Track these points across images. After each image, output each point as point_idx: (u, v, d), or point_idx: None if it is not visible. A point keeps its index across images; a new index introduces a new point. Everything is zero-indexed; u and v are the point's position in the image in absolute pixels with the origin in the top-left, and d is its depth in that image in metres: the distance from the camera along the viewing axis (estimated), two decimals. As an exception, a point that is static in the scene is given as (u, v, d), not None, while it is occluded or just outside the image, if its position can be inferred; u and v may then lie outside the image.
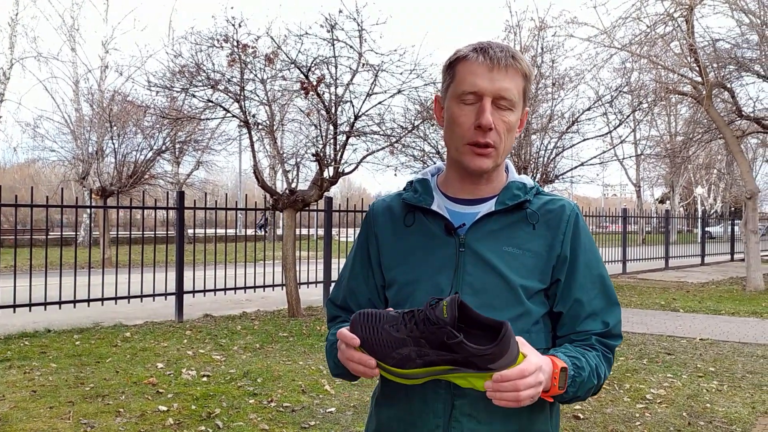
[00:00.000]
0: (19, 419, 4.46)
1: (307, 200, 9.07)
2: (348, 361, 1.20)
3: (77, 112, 21.70)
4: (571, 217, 1.35)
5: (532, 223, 1.34)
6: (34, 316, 8.31)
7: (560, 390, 1.20)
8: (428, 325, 1.11)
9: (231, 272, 10.05)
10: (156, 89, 9.67)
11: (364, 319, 1.16)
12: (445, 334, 1.09)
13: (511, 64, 1.28)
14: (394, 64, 9.17)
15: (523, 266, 1.31)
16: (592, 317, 1.33)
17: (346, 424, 4.46)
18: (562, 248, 1.33)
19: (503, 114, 1.29)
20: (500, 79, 1.27)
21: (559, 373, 1.19)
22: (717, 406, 4.97)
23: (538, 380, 1.13)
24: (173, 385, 5.37)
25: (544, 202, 1.37)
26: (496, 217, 1.34)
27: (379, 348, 1.15)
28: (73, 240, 20.53)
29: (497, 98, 1.28)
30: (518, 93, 1.30)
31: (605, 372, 1.32)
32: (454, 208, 1.37)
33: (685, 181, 39.11)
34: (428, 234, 1.36)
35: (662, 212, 24.67)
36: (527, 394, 1.11)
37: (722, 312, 10.08)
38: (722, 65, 13.44)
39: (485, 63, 1.27)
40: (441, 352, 1.12)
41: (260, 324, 8.41)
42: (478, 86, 1.27)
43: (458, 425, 1.27)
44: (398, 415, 1.33)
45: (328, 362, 1.39)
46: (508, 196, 1.35)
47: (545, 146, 12.36)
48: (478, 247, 1.32)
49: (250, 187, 42.56)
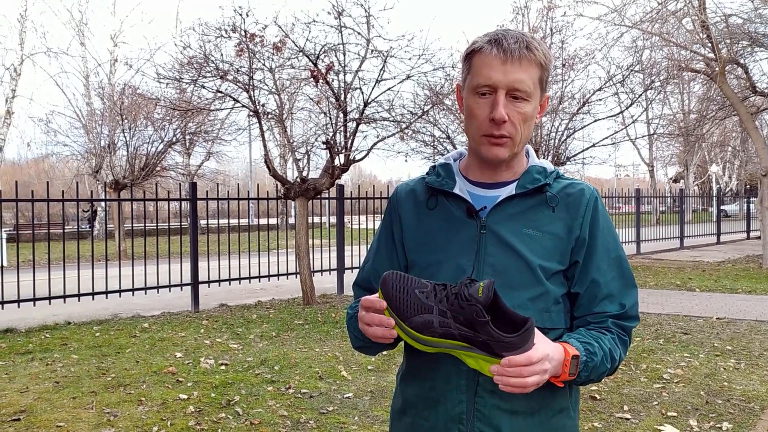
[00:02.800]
0: (43, 410, 4.54)
1: (318, 188, 9.09)
2: (366, 326, 1.23)
3: (88, 106, 21.84)
4: (591, 200, 1.38)
5: (552, 207, 1.37)
6: (54, 309, 8.43)
7: (571, 376, 1.24)
8: (460, 300, 1.14)
9: (245, 262, 10.12)
10: (165, 81, 9.72)
11: (396, 278, 1.20)
12: (474, 312, 1.13)
13: (525, 56, 1.29)
14: (402, 49, 9.17)
15: (543, 248, 1.34)
16: (609, 299, 1.36)
17: (363, 409, 4.51)
18: (581, 231, 1.35)
19: (518, 105, 1.31)
20: (514, 72, 1.28)
21: (570, 360, 1.23)
22: (734, 385, 4.97)
23: (544, 368, 1.17)
24: (192, 373, 5.44)
25: (563, 186, 1.40)
26: (517, 200, 1.37)
27: (404, 308, 1.18)
28: (88, 233, 20.73)
29: (511, 90, 1.29)
30: (533, 83, 1.31)
31: (621, 355, 1.35)
32: (476, 191, 1.40)
33: (700, 159, 38.72)
34: (450, 217, 1.39)
35: (676, 191, 24.47)
36: (532, 381, 1.15)
37: (739, 290, 10.03)
38: (735, 41, 13.24)
39: (499, 56, 1.29)
40: (463, 329, 1.15)
41: (275, 312, 8.48)
42: (492, 79, 1.29)
43: (481, 401, 1.30)
44: (423, 392, 1.37)
45: (350, 335, 1.44)
46: (528, 180, 1.38)
47: (556, 128, 12.29)
48: (499, 229, 1.35)
49: (261, 177, 42.70)
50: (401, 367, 1.48)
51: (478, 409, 1.31)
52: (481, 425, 1.30)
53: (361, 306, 1.25)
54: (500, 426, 1.30)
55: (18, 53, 21.80)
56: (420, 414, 1.38)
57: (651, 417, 4.29)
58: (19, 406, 4.62)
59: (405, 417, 1.42)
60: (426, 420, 1.36)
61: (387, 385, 5.04)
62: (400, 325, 1.20)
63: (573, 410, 1.40)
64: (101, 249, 17.92)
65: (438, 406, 1.34)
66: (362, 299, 1.25)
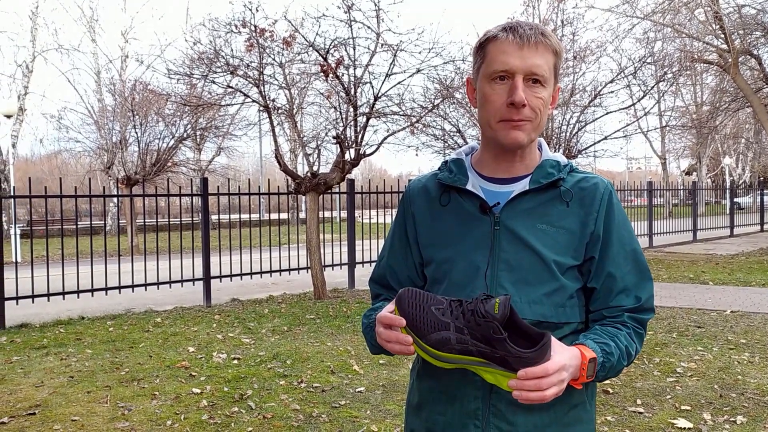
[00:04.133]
0: (58, 404, 4.59)
1: (329, 183, 9.09)
2: (386, 342, 1.24)
3: (100, 102, 21.97)
4: (605, 194, 1.37)
5: (566, 201, 1.36)
6: (68, 304, 8.50)
7: (589, 378, 1.25)
8: (476, 317, 1.15)
9: (256, 257, 10.16)
10: (176, 77, 9.75)
11: (412, 295, 1.21)
12: (491, 329, 1.14)
13: (541, 41, 1.29)
14: (412, 43, 9.12)
15: (557, 243, 1.33)
16: (625, 292, 1.35)
17: (375, 403, 4.52)
18: (595, 226, 1.35)
19: (536, 90, 1.30)
20: (531, 57, 1.28)
21: (588, 363, 1.23)
22: (749, 378, 4.93)
23: (561, 378, 1.17)
24: (205, 368, 5.48)
25: (577, 179, 1.38)
26: (530, 195, 1.36)
27: (421, 325, 1.19)
28: (101, 229, 20.90)
29: (529, 75, 1.29)
30: (549, 69, 1.31)
31: (636, 349, 1.35)
32: (489, 187, 1.39)
33: (713, 151, 38.40)
34: (464, 213, 1.38)
35: (689, 184, 24.29)
36: (551, 393, 1.16)
37: (753, 283, 9.94)
38: (748, 31, 13.10)
39: (515, 41, 1.28)
40: (480, 345, 1.16)
41: (287, 307, 8.51)
42: (509, 64, 1.28)
43: (497, 396, 1.30)
44: (439, 387, 1.37)
45: (367, 342, 1.44)
46: (542, 174, 1.36)
47: (567, 121, 12.21)
48: (513, 225, 1.34)
49: (272, 172, 42.79)
50: (416, 362, 1.48)
51: (493, 404, 1.31)
52: (496, 421, 1.31)
53: (378, 322, 1.25)
54: (516, 421, 1.30)
55: (30, 50, 21.96)
56: (436, 409, 1.38)
57: (664, 411, 4.27)
58: (35, 401, 4.67)
59: (421, 412, 1.42)
60: (442, 415, 1.36)
61: (399, 379, 5.05)
62: (417, 342, 1.21)
63: (589, 403, 1.39)
64: (114, 244, 18.05)
65: (454, 402, 1.34)
66: (379, 316, 1.25)
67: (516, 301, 1.29)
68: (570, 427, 1.34)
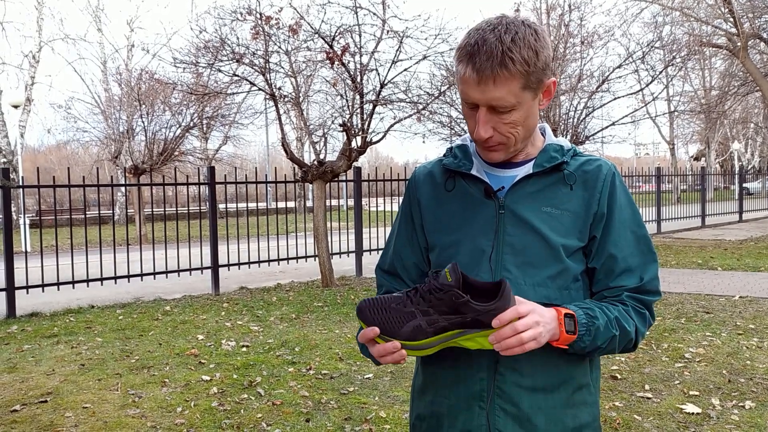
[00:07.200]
0: (69, 392, 4.64)
1: (336, 171, 9.09)
2: (380, 357, 1.26)
3: (106, 92, 22.00)
4: (608, 176, 1.37)
5: (570, 184, 1.36)
6: (78, 293, 8.57)
7: (570, 335, 1.23)
8: (434, 293, 1.18)
9: (264, 245, 10.19)
10: (182, 66, 9.74)
11: (370, 303, 1.23)
12: (452, 296, 1.16)
13: (499, 74, 1.23)
14: (418, 29, 9.09)
15: (562, 225, 1.33)
16: (627, 273, 1.35)
17: (384, 389, 4.54)
18: (599, 206, 1.35)
19: (503, 117, 1.28)
20: (489, 91, 1.25)
21: (564, 317, 1.23)
22: (757, 363, 4.92)
23: (535, 320, 1.17)
24: (214, 355, 5.52)
25: (581, 163, 1.39)
26: (534, 179, 1.36)
27: (390, 326, 1.21)
28: (109, 218, 21.00)
29: (491, 107, 1.27)
30: (515, 95, 1.25)
31: (636, 326, 1.33)
32: (493, 171, 1.40)
33: (721, 136, 38.11)
34: (469, 198, 1.39)
35: (698, 169, 24.12)
36: (528, 335, 1.16)
37: (761, 269, 9.90)
38: (758, 15, 12.95)
39: (473, 76, 1.25)
40: (450, 317, 1.19)
41: (295, 295, 8.55)
42: (471, 97, 1.28)
43: (502, 378, 1.31)
44: (444, 371, 1.38)
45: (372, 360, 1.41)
46: (545, 158, 1.37)
47: (574, 107, 12.14)
48: (518, 208, 1.34)
49: (279, 160, 42.84)
50: None
51: (498, 386, 1.31)
52: (501, 402, 1.31)
53: (360, 341, 1.28)
54: (520, 403, 1.31)
55: (36, 40, 21.97)
56: (440, 392, 1.39)
57: (673, 396, 4.27)
58: (46, 389, 4.72)
59: (426, 395, 1.43)
60: (447, 398, 1.37)
61: (406, 365, 5.07)
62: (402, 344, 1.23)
63: (594, 387, 1.39)
64: (122, 234, 18.15)
65: (459, 385, 1.35)
66: (359, 337, 1.28)
67: (520, 283, 1.30)
68: (575, 408, 1.35)
